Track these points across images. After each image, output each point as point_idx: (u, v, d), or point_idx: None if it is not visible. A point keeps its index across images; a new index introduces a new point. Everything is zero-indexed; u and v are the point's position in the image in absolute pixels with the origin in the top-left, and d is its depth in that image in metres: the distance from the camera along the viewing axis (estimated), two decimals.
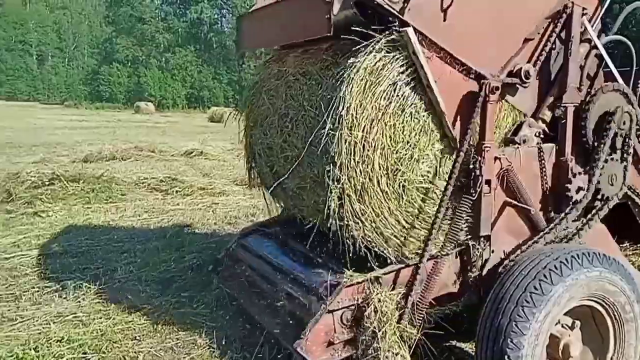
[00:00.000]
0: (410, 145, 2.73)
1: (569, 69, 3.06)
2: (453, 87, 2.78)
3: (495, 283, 2.80)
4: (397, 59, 2.64)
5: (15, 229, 6.41)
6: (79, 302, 4.29)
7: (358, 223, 2.73)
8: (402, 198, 2.79)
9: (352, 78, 2.63)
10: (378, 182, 2.71)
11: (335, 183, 2.67)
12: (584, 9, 3.06)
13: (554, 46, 3.06)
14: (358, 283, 2.80)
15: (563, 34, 3.06)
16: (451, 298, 2.99)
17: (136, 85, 58.26)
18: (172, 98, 57.95)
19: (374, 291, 2.76)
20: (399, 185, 2.76)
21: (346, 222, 2.73)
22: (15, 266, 5.14)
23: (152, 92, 56.82)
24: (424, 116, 2.74)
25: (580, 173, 3.12)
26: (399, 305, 2.79)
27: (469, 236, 2.93)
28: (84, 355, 3.45)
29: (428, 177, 2.83)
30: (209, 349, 3.52)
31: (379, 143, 2.66)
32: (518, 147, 3.01)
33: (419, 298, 2.84)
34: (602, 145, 3.10)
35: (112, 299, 4.32)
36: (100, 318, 3.94)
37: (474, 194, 2.82)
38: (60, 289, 4.55)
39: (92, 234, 6.22)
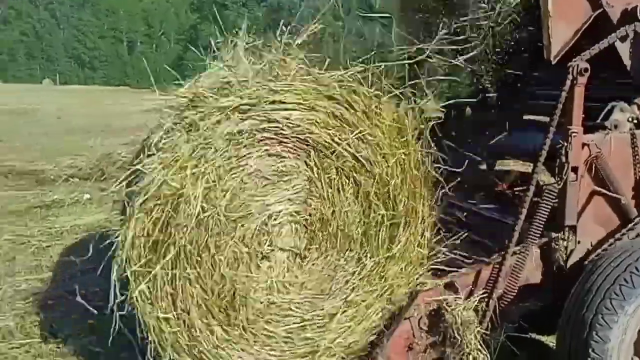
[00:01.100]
0: None
1: None
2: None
3: (581, 275, 2.68)
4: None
5: (107, 206, 6.84)
6: None
7: None
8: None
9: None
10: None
11: None
12: None
13: None
14: (434, 288, 2.69)
15: None
16: (534, 294, 2.86)
17: (218, 70, 59.93)
18: None
19: (449, 297, 2.63)
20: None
21: None
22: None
23: None
24: None
25: None
26: (479, 308, 2.68)
27: (554, 227, 2.80)
28: None
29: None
30: None
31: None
32: (609, 133, 2.84)
33: (501, 297, 2.73)
34: None
35: None
36: None
37: (559, 182, 2.71)
38: None
39: None
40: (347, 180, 2.52)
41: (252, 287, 2.48)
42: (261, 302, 2.50)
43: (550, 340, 3.46)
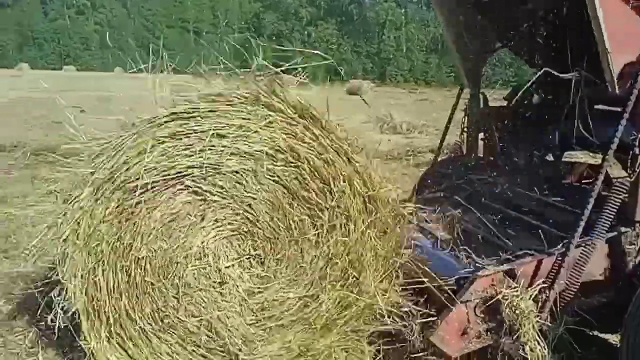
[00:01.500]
0: None
1: None
2: (619, 23, 2.55)
3: None
4: None
5: None
6: None
7: None
8: None
9: None
10: None
11: None
12: None
13: None
14: (492, 274, 2.62)
15: None
16: (599, 289, 2.78)
17: (279, 59, 60.63)
18: (312, 71, 59.55)
19: (508, 285, 2.58)
20: None
21: None
22: None
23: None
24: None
25: None
26: (539, 298, 2.62)
27: (622, 221, 2.71)
28: None
29: None
30: None
31: None
32: None
33: (563, 290, 2.66)
34: None
35: None
36: None
37: (632, 175, 2.61)
38: None
39: None
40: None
41: (230, 313, 2.54)
42: (253, 309, 2.56)
43: (612, 339, 3.35)
